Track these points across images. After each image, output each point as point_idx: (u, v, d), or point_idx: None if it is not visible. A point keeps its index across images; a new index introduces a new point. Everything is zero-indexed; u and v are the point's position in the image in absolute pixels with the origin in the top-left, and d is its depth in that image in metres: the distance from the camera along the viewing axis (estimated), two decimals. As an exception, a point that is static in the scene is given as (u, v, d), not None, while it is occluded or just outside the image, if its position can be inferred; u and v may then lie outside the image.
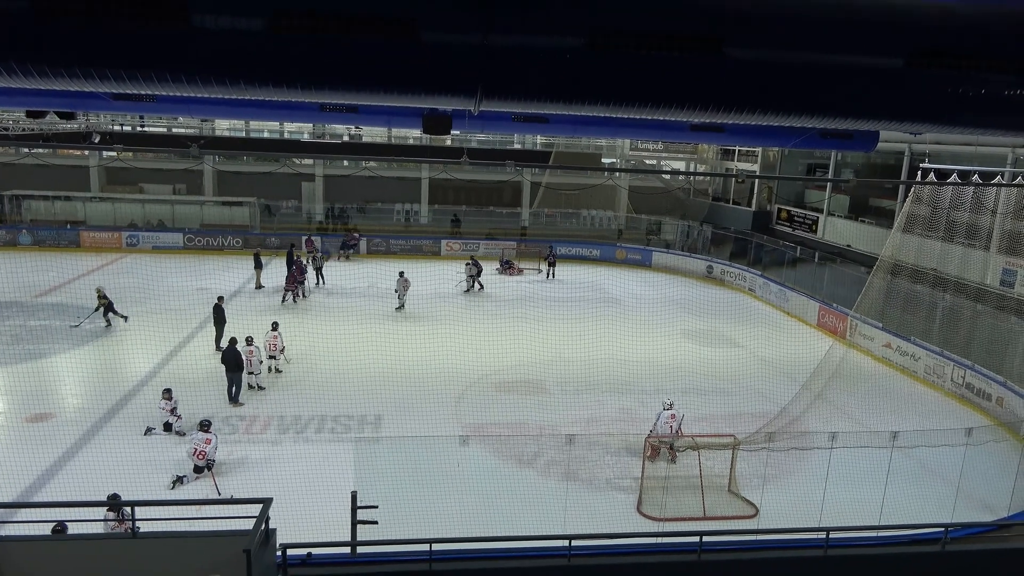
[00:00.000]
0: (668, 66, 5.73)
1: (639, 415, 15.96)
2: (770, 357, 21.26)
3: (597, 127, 18.76)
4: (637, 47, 5.61)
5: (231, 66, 5.25)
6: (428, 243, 33.98)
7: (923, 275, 20.69)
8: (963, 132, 6.78)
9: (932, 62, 5.98)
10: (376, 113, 18.12)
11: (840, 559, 7.99)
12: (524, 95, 5.99)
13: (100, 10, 4.89)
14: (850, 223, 28.57)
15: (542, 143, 37.41)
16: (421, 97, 5.69)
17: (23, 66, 5.01)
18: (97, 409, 15.17)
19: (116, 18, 5.00)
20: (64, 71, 5.09)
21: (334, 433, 14.72)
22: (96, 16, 4.96)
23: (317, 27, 5.04)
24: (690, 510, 12.12)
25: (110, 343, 19.80)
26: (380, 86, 5.53)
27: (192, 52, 5.15)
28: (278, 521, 7.00)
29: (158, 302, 23.46)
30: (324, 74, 5.38)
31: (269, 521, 5.83)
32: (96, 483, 10.96)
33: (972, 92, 6.15)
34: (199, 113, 19.69)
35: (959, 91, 6.09)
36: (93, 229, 32.04)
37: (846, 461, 11.67)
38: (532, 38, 5.55)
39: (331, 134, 36.87)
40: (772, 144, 26.06)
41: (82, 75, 5.11)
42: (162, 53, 5.16)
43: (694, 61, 5.71)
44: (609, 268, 32.76)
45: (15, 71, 5.01)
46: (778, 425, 13.84)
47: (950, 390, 18.86)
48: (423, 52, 5.29)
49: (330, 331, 20.50)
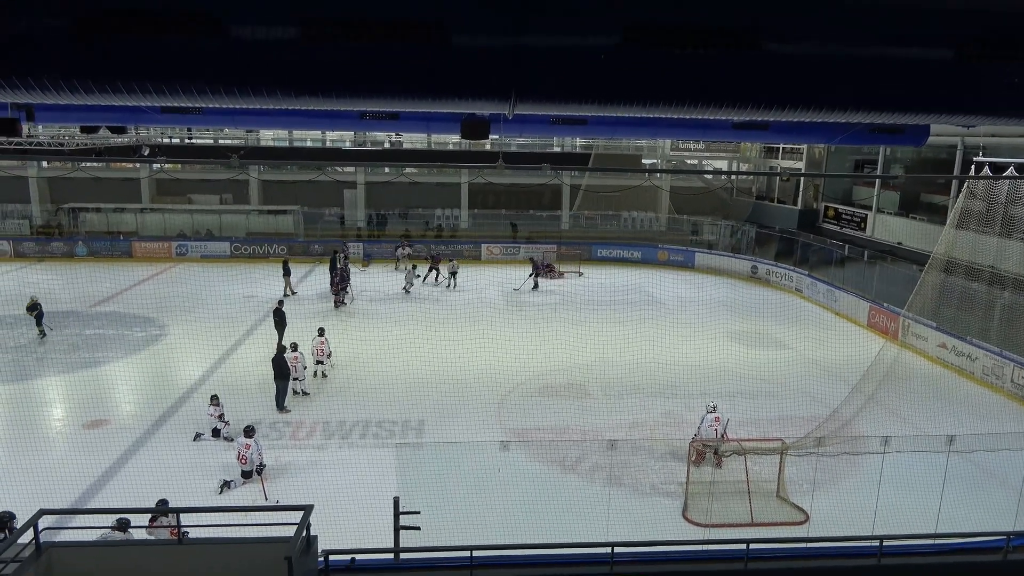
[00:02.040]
0: (704, 62, 5.60)
1: (684, 419, 15.71)
2: (819, 358, 20.75)
3: (636, 127, 18.58)
4: (672, 44, 5.50)
5: (266, 76, 5.32)
6: (469, 247, 34.11)
7: (979, 272, 19.93)
8: (1017, 124, 6.49)
9: (982, 52, 5.73)
10: (415, 119, 18.27)
11: (895, 568, 7.71)
12: (558, 97, 5.92)
13: (138, 26, 5.00)
14: (901, 220, 27.72)
15: (581, 145, 37.25)
16: (454, 102, 5.67)
17: (67, 82, 5.16)
18: (150, 415, 15.59)
19: (153, 33, 5.11)
20: (104, 86, 5.23)
21: (378, 438, 14.83)
22: (134, 32, 5.07)
23: (348, 35, 5.07)
24: (737, 516, 11.86)
25: (162, 351, 20.33)
26: (412, 92, 5.54)
27: (228, 63, 5.23)
28: (322, 527, 7.06)
29: (207, 310, 24.01)
30: (356, 81, 5.41)
31: (311, 527, 5.87)
32: (149, 487, 11.26)
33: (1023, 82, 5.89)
34: (243, 124, 20.16)
35: (1011, 81, 5.83)
36: (144, 239, 33.01)
37: (900, 466, 11.29)
38: (565, 38, 5.48)
39: (372, 141, 37.32)
40: (818, 141, 25.42)
41: (123, 90, 5.23)
42: (199, 65, 5.25)
43: (731, 57, 5.57)
44: (651, 270, 32.42)
45: (60, 87, 5.17)
46: (828, 429, 13.46)
47: (1010, 391, 18.12)
48: (454, 56, 5.28)
49: (374, 336, 20.71)
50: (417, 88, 5.51)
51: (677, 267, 33.31)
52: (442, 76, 5.44)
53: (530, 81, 5.64)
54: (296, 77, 5.36)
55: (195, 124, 26.98)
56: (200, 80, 5.32)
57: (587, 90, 5.86)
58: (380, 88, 5.48)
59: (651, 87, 5.87)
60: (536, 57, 5.45)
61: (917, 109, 6.28)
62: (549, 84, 5.73)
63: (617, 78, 5.79)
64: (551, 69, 5.58)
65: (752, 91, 5.94)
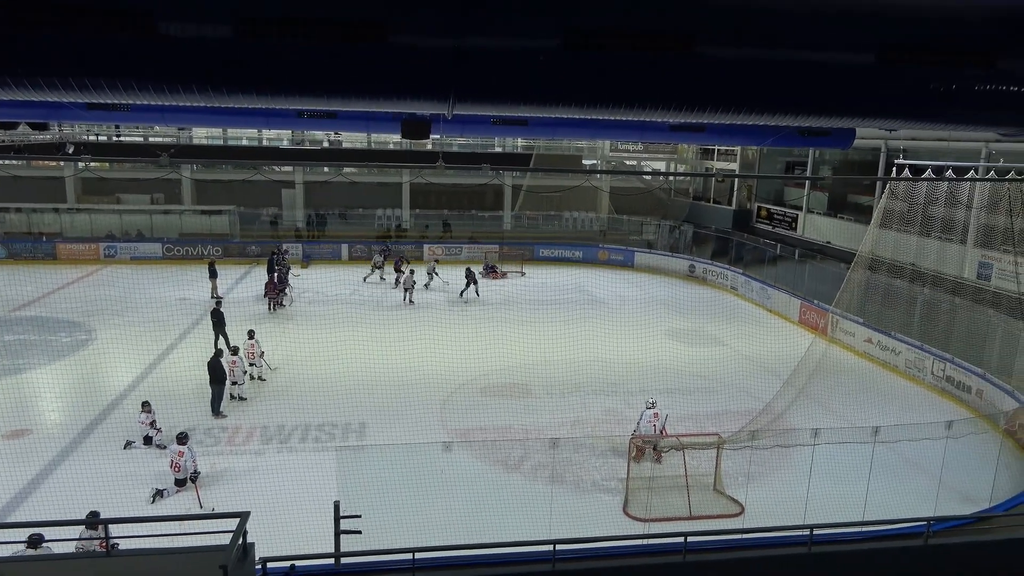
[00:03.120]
0: (641, 65, 5.72)
1: (625, 416, 15.96)
2: (753, 354, 21.36)
3: (576, 128, 18.78)
4: (610, 47, 5.59)
5: (199, 74, 5.18)
6: (410, 248, 33.88)
7: (901, 270, 20.88)
8: (935, 128, 6.83)
9: (903, 58, 6.01)
10: (354, 119, 18.05)
11: (824, 555, 8.01)
12: (498, 97, 5.95)
13: (65, 21, 4.80)
14: (829, 220, 28.79)
15: (522, 146, 37.42)
16: (392, 101, 5.63)
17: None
18: (76, 424, 14.95)
19: (81, 28, 4.91)
20: (24, 82, 5.00)
21: (318, 442, 14.59)
22: (62, 26, 4.87)
23: (284, 33, 4.98)
24: (676, 510, 12.12)
25: (90, 356, 19.52)
26: (350, 91, 5.48)
27: (159, 60, 5.07)
28: (261, 534, 6.91)
29: (138, 313, 23.17)
30: (293, 80, 5.32)
31: (247, 535, 5.74)
32: (76, 499, 10.80)
33: (943, 87, 6.19)
34: (174, 122, 19.53)
35: (929, 87, 6.13)
36: (70, 241, 31.62)
37: (829, 457, 11.72)
38: (504, 40, 5.51)
39: (311, 140, 36.65)
40: (750, 143, 26.21)
41: (43, 86, 5.01)
42: (129, 62, 5.07)
43: (666, 60, 5.70)
44: (592, 269, 32.80)
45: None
46: (762, 422, 13.89)
47: (931, 383, 19.04)
48: (393, 56, 5.24)
49: (315, 338, 20.36)
50: (354, 87, 5.45)
51: (617, 267, 33.79)
52: (380, 75, 5.39)
53: (469, 81, 5.64)
54: (230, 74, 5.23)
55: (123, 121, 25.98)
56: (128, 76, 5.14)
57: (526, 91, 5.90)
58: (316, 87, 5.40)
59: (589, 89, 5.95)
60: (476, 58, 5.46)
61: (842, 112, 6.54)
62: (489, 85, 5.75)
63: (556, 80, 5.84)
64: (490, 70, 5.60)
65: (686, 94, 6.08)
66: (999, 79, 6.10)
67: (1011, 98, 6.23)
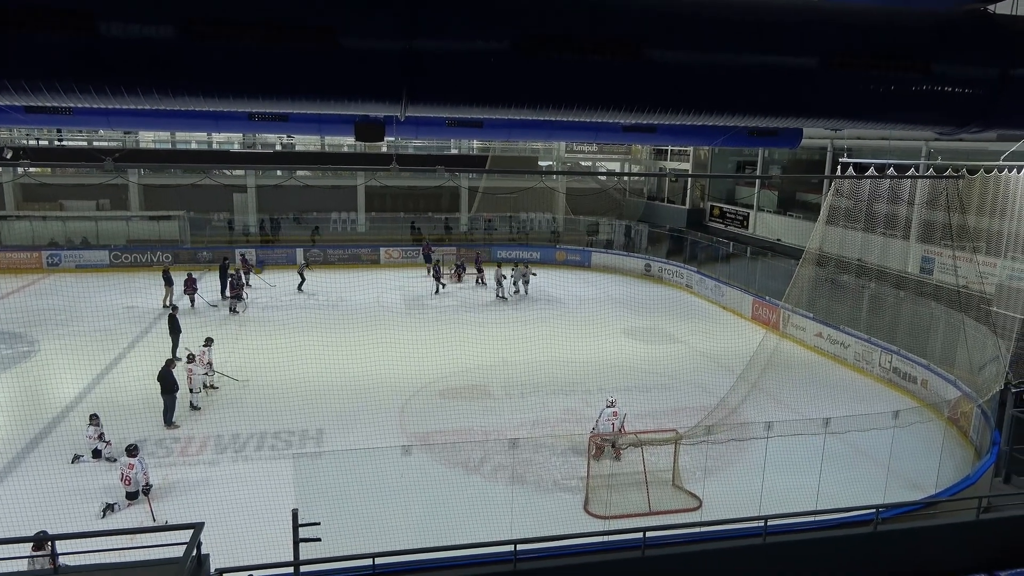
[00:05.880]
0: (590, 69, 5.77)
1: (584, 415, 16.08)
2: (708, 351, 21.74)
3: (531, 130, 18.89)
4: (560, 51, 5.64)
5: (142, 76, 5.04)
6: (367, 251, 33.58)
7: (848, 265, 21.49)
8: (877, 127, 7.05)
9: (845, 63, 6.21)
10: (307, 121, 17.85)
11: (778, 545, 8.20)
12: (450, 99, 5.94)
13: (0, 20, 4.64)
14: (779, 218, 29.47)
15: (478, 147, 37.42)
16: (343, 104, 5.58)
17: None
18: (20, 439, 14.42)
19: (17, 28, 4.75)
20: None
21: (274, 450, 14.36)
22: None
23: (230, 34, 4.89)
24: (636, 506, 12.27)
25: (33, 368, 18.85)
26: (299, 93, 5.40)
27: (100, 62, 4.92)
28: (217, 545, 6.79)
29: (84, 323, 22.45)
30: (240, 82, 5.22)
31: (202, 546, 5.63)
32: (21, 517, 10.42)
33: (882, 89, 6.41)
34: (120, 125, 18.99)
35: (869, 89, 6.33)
36: (9, 249, 30.50)
37: (783, 449, 11.99)
38: (456, 42, 5.51)
39: (263, 144, 36.04)
40: (701, 143, 26.68)
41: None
42: (67, 63, 4.92)
43: (614, 64, 5.77)
44: (549, 270, 32.97)
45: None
46: (717, 417, 14.14)
47: (879, 375, 19.63)
48: (343, 58, 5.19)
49: (268, 345, 20.01)
50: (304, 89, 5.38)
51: (574, 267, 34.03)
52: (330, 77, 5.33)
53: (421, 83, 5.63)
54: (175, 76, 5.11)
55: (65, 125, 25.19)
56: (69, 79, 4.98)
57: (479, 93, 5.91)
58: (265, 89, 5.31)
59: (541, 92, 5.99)
60: (427, 60, 5.44)
61: (787, 113, 6.71)
62: (441, 87, 5.74)
63: (508, 82, 5.87)
64: (442, 72, 5.59)
65: (636, 97, 6.17)
66: (934, 81, 6.35)
67: (945, 99, 6.49)
